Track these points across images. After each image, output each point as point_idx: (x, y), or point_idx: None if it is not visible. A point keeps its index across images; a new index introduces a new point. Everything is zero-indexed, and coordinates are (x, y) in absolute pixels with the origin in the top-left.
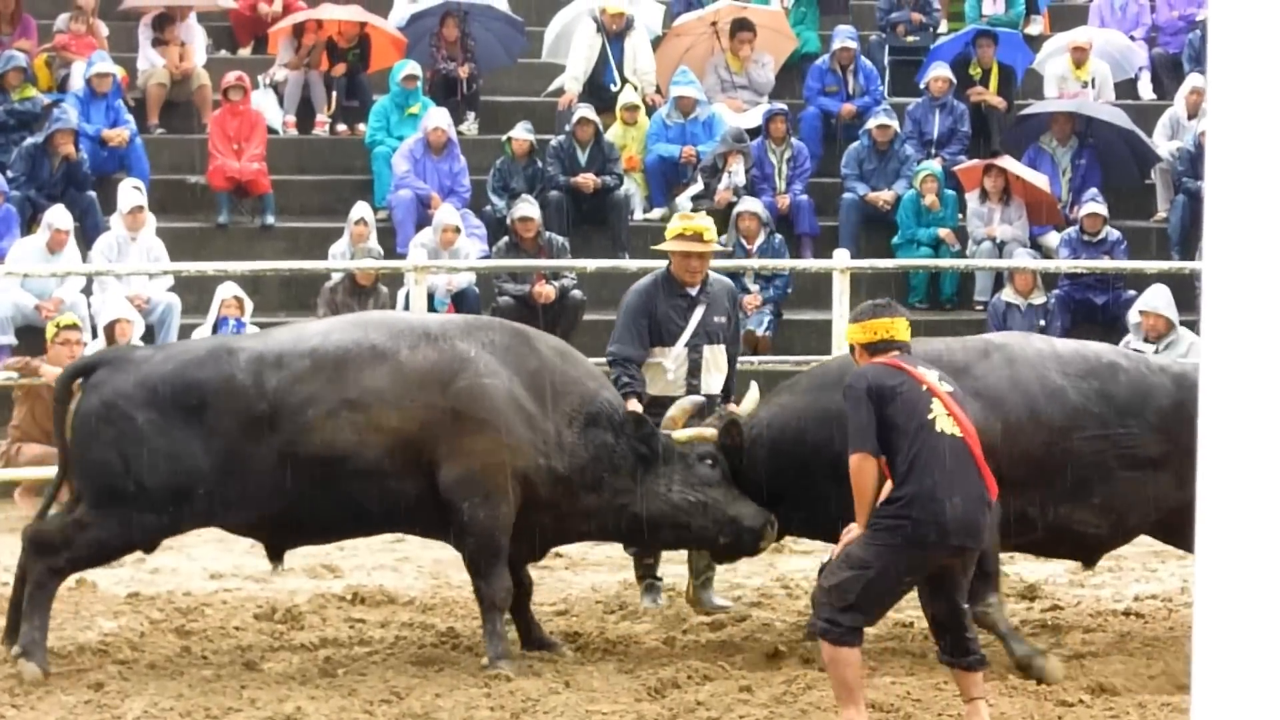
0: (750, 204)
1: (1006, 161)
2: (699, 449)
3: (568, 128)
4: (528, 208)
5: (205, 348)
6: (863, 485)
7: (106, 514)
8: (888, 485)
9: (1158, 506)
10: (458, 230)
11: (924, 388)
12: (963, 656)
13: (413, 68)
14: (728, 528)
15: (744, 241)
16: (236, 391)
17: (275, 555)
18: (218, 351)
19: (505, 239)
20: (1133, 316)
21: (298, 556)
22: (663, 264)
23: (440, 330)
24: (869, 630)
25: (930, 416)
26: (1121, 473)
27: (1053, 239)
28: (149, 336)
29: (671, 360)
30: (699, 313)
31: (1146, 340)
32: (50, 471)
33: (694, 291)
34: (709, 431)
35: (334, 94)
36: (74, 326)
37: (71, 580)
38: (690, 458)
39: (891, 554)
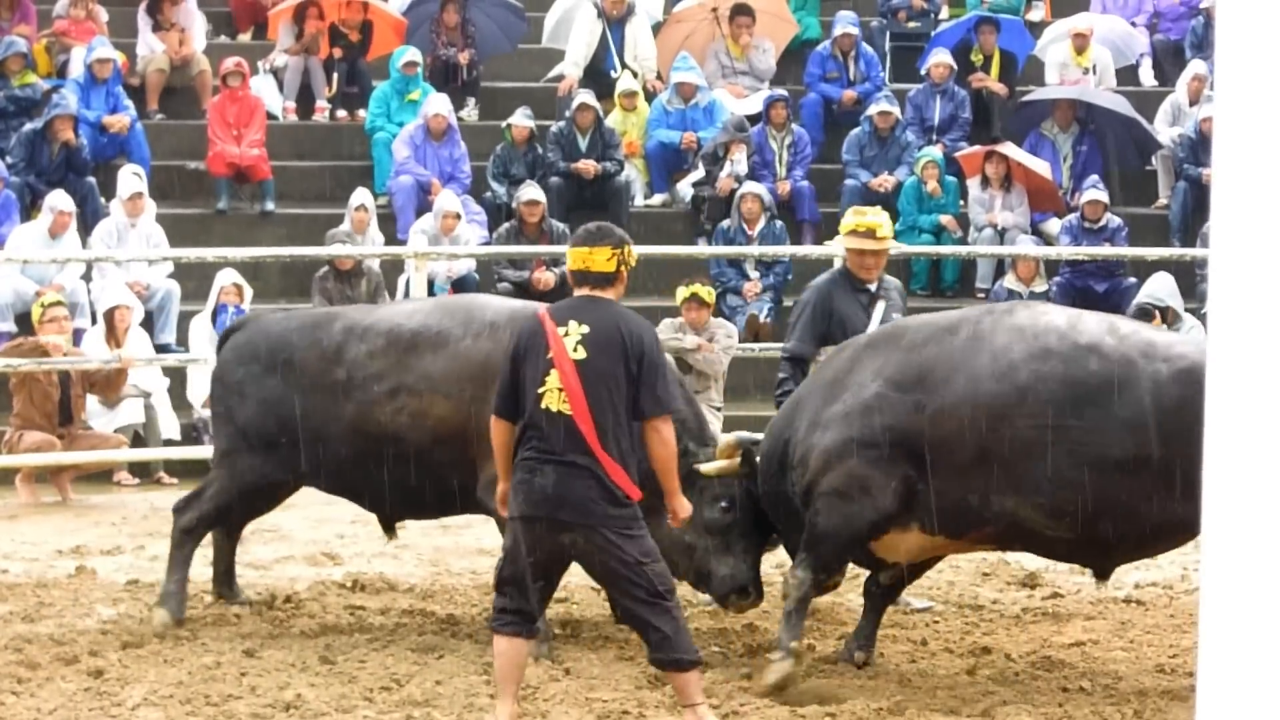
0: (753, 186)
1: (1008, 148)
2: (716, 489)
3: (568, 114)
4: (535, 191)
5: (317, 314)
6: (494, 449)
7: (221, 463)
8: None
9: (1135, 517)
10: (458, 216)
11: (549, 355)
12: (656, 652)
13: (413, 54)
14: (701, 579)
15: (745, 226)
16: (321, 356)
17: (385, 528)
18: (322, 319)
19: (509, 224)
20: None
21: (297, 544)
22: (662, 250)
23: (508, 319)
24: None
25: (540, 390)
26: (1075, 471)
27: (1054, 226)
28: (148, 323)
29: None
30: (880, 308)
31: None
32: (50, 458)
33: (873, 287)
34: (733, 464)
35: (334, 76)
36: (59, 303)
37: (71, 567)
38: (706, 495)
39: (510, 528)
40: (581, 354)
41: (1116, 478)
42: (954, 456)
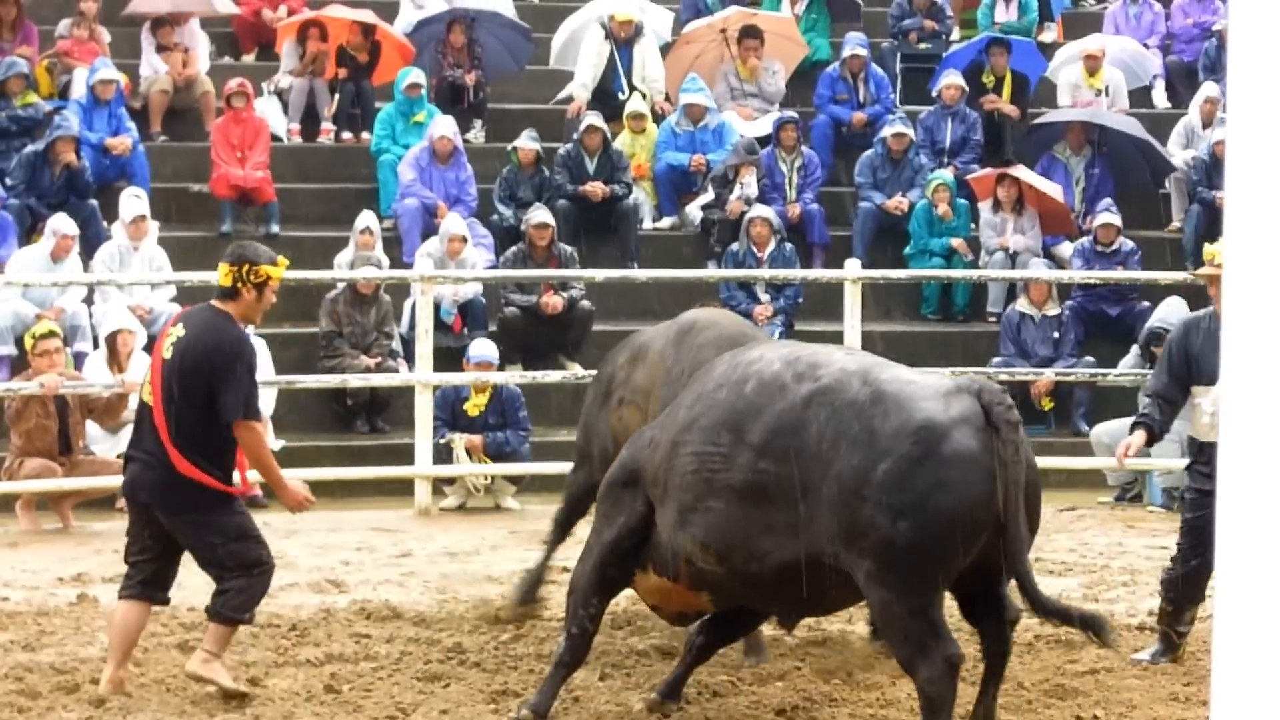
0: (762, 210)
1: (1020, 171)
2: None
3: (576, 136)
4: (544, 214)
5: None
6: None
7: None
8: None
9: (760, 554)
10: (465, 239)
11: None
12: (216, 605)
13: (416, 75)
14: None
15: (755, 249)
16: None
17: None
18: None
19: (517, 247)
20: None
21: (302, 571)
22: (671, 273)
23: (635, 341)
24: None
25: (142, 382)
26: (711, 501)
27: (1066, 249)
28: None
29: (1210, 401)
30: None
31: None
32: (50, 484)
33: None
34: None
35: (336, 96)
36: (51, 334)
37: (72, 595)
38: None
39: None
40: (169, 354)
41: (740, 505)
42: (655, 489)
